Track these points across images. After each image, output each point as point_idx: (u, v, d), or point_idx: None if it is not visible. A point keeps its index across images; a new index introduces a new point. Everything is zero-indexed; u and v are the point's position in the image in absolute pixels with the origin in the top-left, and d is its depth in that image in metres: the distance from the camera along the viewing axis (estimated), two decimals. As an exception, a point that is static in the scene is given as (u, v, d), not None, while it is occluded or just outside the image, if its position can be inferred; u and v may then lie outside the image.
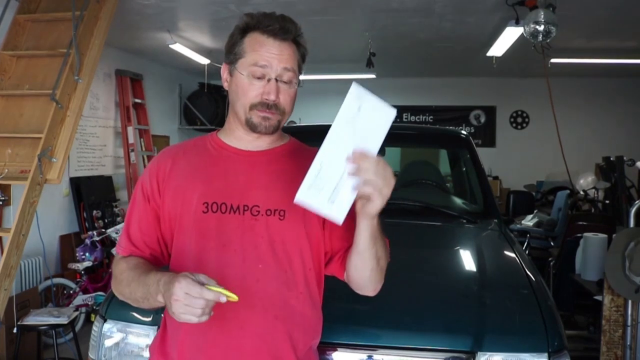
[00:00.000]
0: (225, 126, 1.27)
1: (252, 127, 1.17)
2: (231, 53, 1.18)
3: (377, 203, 0.99)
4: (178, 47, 5.73)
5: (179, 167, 1.23)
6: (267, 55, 1.13)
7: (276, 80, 1.14)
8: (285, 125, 1.29)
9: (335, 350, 1.46)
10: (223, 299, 0.97)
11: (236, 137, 1.23)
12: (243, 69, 1.15)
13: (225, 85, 1.22)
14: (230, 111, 1.24)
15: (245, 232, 1.15)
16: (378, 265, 1.14)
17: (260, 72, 1.13)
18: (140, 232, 1.23)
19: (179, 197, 1.20)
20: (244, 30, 1.17)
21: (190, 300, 0.96)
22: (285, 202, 1.16)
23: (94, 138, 5.73)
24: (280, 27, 1.14)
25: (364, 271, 1.15)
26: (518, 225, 5.05)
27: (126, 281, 1.16)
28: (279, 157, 1.23)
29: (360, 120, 0.96)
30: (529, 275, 1.81)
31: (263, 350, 1.15)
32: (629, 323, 2.66)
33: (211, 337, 1.16)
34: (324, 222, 1.19)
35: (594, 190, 5.27)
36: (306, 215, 1.16)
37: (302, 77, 1.22)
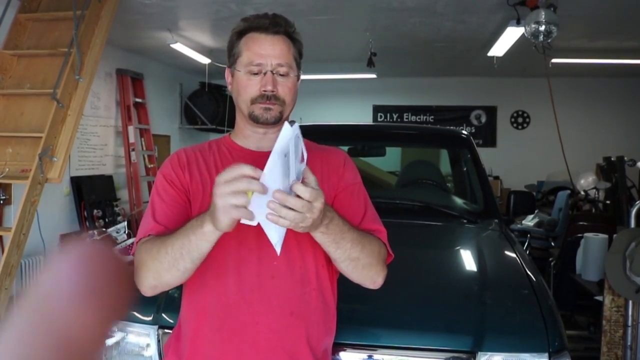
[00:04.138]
0: (235, 128, 1.31)
1: (254, 119, 1.20)
2: (230, 56, 1.24)
3: (305, 227, 0.98)
4: (179, 47, 5.73)
5: (195, 162, 1.25)
6: (261, 51, 1.18)
7: (272, 73, 1.18)
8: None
9: (336, 350, 1.46)
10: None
11: (245, 136, 1.27)
12: (241, 67, 1.20)
13: (230, 88, 1.27)
14: (237, 111, 1.27)
15: (259, 229, 1.16)
16: (357, 264, 1.13)
17: (257, 68, 1.18)
18: (169, 212, 1.18)
19: (199, 188, 1.22)
20: (240, 33, 1.22)
21: (233, 185, 0.92)
22: None
23: (94, 137, 5.73)
24: (270, 22, 1.19)
25: (347, 272, 1.17)
26: (519, 225, 5.06)
27: (158, 246, 1.07)
28: None
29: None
30: (530, 275, 1.81)
31: (278, 346, 1.16)
32: (630, 323, 2.66)
33: (226, 333, 1.16)
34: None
35: (594, 190, 5.27)
36: None
37: (302, 76, 1.25)
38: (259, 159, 1.24)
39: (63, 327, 0.33)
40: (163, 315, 1.60)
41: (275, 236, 0.98)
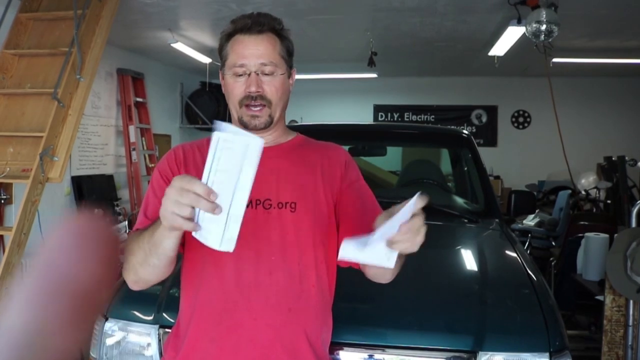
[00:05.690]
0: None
1: (244, 125, 1.21)
2: (220, 59, 1.25)
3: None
4: (179, 46, 5.73)
5: (192, 158, 1.25)
6: (245, 52, 1.18)
7: (257, 73, 1.18)
8: (287, 124, 1.31)
9: (336, 349, 1.46)
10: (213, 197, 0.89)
11: None
12: (227, 71, 1.21)
13: (224, 90, 1.27)
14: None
15: (258, 225, 1.17)
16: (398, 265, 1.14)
17: (241, 70, 1.18)
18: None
19: None
20: (228, 35, 1.23)
21: (182, 196, 0.89)
22: (295, 195, 1.20)
23: (95, 137, 5.74)
24: (253, 22, 1.19)
25: (375, 275, 1.18)
26: (519, 225, 5.05)
27: (134, 246, 1.07)
28: (287, 152, 1.27)
29: (222, 161, 0.92)
30: (530, 275, 1.80)
31: (277, 342, 1.16)
32: (631, 323, 2.65)
33: (224, 328, 1.16)
34: (336, 212, 1.23)
35: (595, 190, 5.27)
36: (317, 207, 1.20)
37: (303, 76, 1.24)
38: None
39: (73, 276, 0.38)
40: (164, 314, 1.60)
41: (216, 238, 0.93)
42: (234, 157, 0.92)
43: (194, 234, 0.95)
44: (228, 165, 0.92)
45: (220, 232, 0.93)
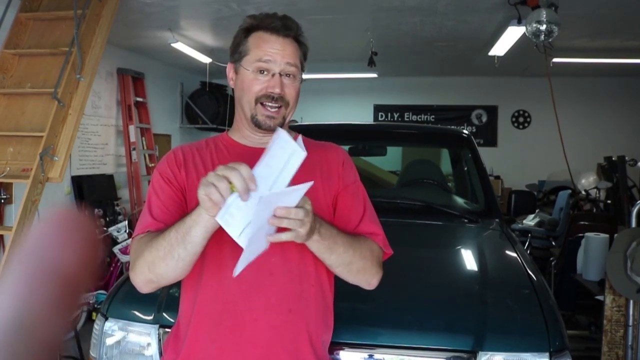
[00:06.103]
0: (234, 125, 1.31)
1: (257, 124, 1.21)
2: (236, 52, 1.23)
3: (299, 237, 1.01)
4: (180, 46, 5.73)
5: (192, 160, 1.25)
6: (271, 50, 1.18)
7: (280, 75, 1.18)
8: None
9: (336, 349, 1.46)
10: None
11: (244, 135, 1.27)
12: (248, 65, 1.20)
13: (232, 83, 1.26)
14: (237, 109, 1.27)
15: None
16: (351, 268, 1.17)
17: (265, 66, 1.18)
18: (165, 210, 1.18)
19: (195, 186, 1.21)
20: (247, 30, 1.22)
21: (226, 167, 0.96)
22: None
23: (95, 136, 5.74)
24: (282, 24, 1.19)
25: (342, 276, 1.20)
26: (519, 225, 5.05)
27: (155, 238, 1.08)
28: None
29: (273, 158, 0.98)
30: (531, 275, 1.80)
31: (278, 343, 1.16)
32: (631, 323, 2.65)
33: (224, 330, 1.16)
34: (334, 214, 1.23)
35: (595, 190, 5.26)
36: (316, 208, 1.19)
37: (303, 76, 1.25)
38: (257, 155, 1.24)
39: (59, 264, 0.42)
40: (164, 314, 1.60)
41: (238, 226, 0.98)
42: (281, 157, 0.96)
43: (218, 217, 0.97)
44: (274, 163, 0.96)
45: (243, 223, 0.96)
